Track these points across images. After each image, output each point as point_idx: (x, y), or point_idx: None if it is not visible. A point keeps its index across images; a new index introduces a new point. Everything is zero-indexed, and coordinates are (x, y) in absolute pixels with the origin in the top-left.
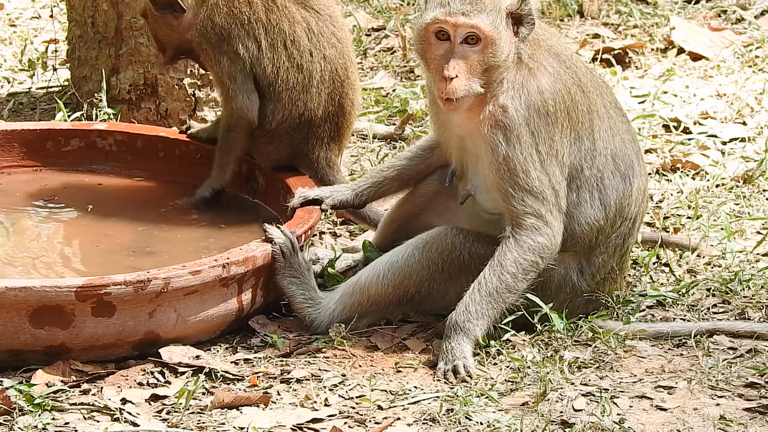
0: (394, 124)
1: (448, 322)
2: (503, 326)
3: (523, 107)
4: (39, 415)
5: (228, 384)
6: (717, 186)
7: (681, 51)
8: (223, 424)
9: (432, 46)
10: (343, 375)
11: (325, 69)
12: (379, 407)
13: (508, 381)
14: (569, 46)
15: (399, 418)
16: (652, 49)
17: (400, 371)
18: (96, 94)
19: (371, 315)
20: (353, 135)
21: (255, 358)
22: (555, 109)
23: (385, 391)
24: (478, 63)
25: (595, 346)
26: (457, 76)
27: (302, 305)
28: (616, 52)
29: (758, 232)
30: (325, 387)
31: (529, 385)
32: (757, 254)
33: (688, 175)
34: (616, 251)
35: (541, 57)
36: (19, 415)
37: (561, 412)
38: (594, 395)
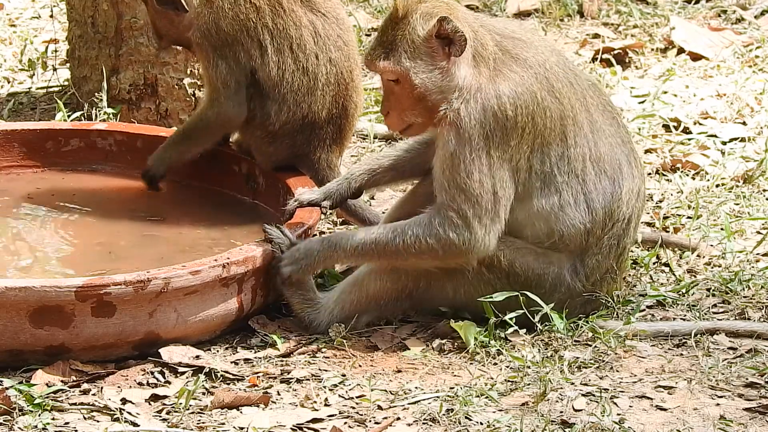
0: None
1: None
2: (507, 320)
3: (478, 110)
4: (39, 415)
5: (228, 384)
6: (717, 186)
7: (681, 51)
8: (223, 424)
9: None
10: (343, 375)
11: (330, 72)
12: (379, 407)
13: (508, 381)
14: (544, 54)
15: (399, 418)
16: (652, 49)
17: (400, 371)
18: (96, 94)
19: (370, 312)
20: (353, 135)
21: (255, 358)
22: (515, 113)
23: (385, 391)
24: (405, 97)
25: (595, 346)
26: (388, 113)
27: (301, 306)
28: (616, 52)
29: (758, 232)
30: (325, 387)
31: (529, 385)
32: (757, 254)
33: (688, 175)
34: (611, 252)
35: (503, 66)
36: (19, 415)
37: (561, 412)
38: (594, 395)
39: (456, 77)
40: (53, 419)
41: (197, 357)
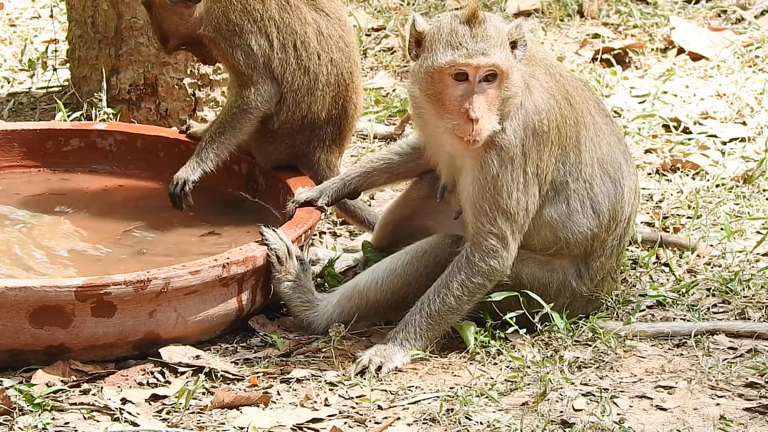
0: (394, 124)
1: (389, 334)
2: (507, 320)
3: (521, 128)
4: (39, 415)
5: (228, 384)
6: (717, 186)
7: (681, 51)
8: (223, 424)
9: (449, 88)
10: (343, 375)
11: (331, 72)
12: (379, 407)
13: (508, 381)
14: (550, 55)
15: (399, 418)
16: (652, 49)
17: (400, 371)
18: (96, 94)
19: (369, 318)
20: (353, 135)
21: (255, 358)
22: (548, 128)
23: (385, 391)
24: (496, 98)
25: (595, 346)
26: (483, 116)
27: (299, 308)
28: (616, 52)
29: (758, 232)
30: (325, 387)
31: (529, 385)
32: (757, 254)
33: (688, 175)
34: (613, 252)
35: (537, 72)
36: (19, 415)
37: (561, 412)
38: (594, 395)
39: (522, 85)
40: (53, 419)
41: (197, 357)
